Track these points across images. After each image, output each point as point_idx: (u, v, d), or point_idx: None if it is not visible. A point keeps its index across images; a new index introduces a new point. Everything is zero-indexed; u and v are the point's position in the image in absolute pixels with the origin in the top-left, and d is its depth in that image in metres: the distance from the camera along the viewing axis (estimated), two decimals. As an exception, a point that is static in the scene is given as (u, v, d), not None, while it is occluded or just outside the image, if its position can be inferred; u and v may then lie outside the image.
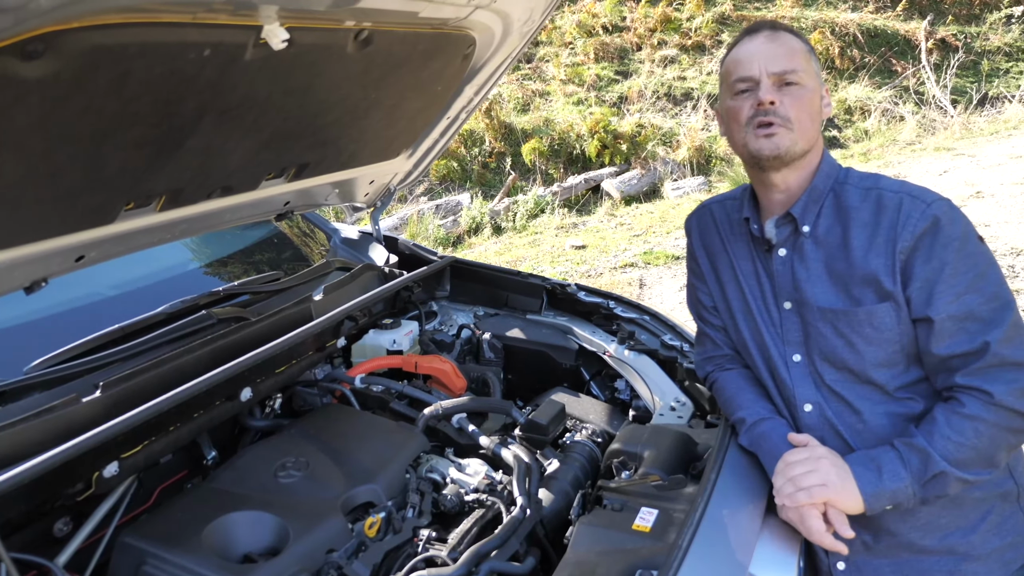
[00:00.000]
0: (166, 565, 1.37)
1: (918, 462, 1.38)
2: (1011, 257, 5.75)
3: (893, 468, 1.39)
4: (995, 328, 1.35)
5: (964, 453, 1.36)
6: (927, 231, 1.37)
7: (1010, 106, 10.95)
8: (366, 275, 2.46)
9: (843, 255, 1.46)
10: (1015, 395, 1.35)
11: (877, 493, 1.39)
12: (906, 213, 1.39)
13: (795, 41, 1.49)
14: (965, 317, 1.37)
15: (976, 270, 1.38)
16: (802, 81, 1.45)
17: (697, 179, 9.25)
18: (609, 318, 2.41)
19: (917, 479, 1.38)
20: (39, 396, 1.61)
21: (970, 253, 1.38)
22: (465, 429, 1.92)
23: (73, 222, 1.48)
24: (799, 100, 1.45)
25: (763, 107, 1.45)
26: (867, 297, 1.43)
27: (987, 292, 1.37)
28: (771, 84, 1.45)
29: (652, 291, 6.01)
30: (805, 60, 1.48)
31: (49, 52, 1.04)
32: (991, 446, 1.37)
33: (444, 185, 9.46)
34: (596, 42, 11.63)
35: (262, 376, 1.91)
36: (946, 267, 1.37)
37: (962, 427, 1.36)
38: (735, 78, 1.50)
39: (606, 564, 1.37)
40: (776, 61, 1.45)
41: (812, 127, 1.48)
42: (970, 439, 1.36)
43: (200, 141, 1.50)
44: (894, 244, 1.39)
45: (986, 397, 1.36)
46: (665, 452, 1.68)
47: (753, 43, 1.49)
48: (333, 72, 1.65)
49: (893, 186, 1.46)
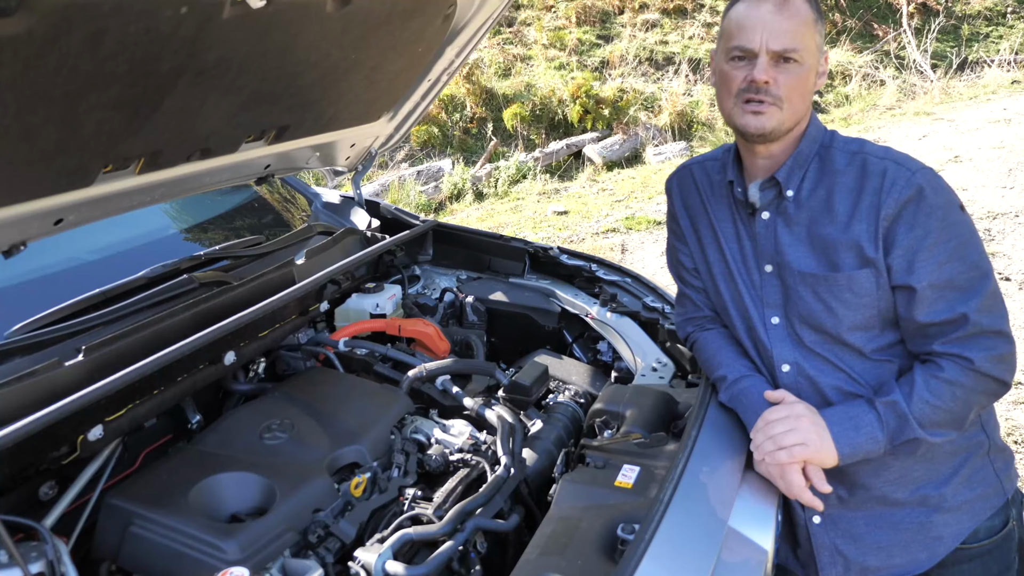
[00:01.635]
0: (154, 526, 1.38)
1: (895, 425, 1.41)
2: (988, 221, 5.81)
3: (871, 430, 1.42)
4: (974, 297, 1.38)
5: (938, 415, 1.40)
6: (911, 199, 1.38)
7: (989, 71, 10.99)
8: (348, 239, 2.46)
9: (827, 219, 1.46)
10: (992, 362, 1.38)
11: (853, 452, 1.43)
12: (891, 179, 1.40)
13: (805, 9, 1.41)
14: (945, 286, 1.39)
15: (958, 239, 1.39)
16: (801, 59, 1.40)
17: (679, 144, 9.24)
18: (591, 281, 2.42)
19: (891, 440, 1.42)
20: (20, 360, 1.60)
21: (953, 223, 1.39)
22: (449, 391, 1.93)
23: (50, 184, 1.46)
24: (794, 78, 1.41)
25: (756, 84, 1.41)
26: (848, 262, 1.44)
27: (968, 261, 1.39)
28: (768, 60, 1.40)
29: (634, 256, 6.03)
30: (810, 33, 1.41)
31: (22, 9, 1.02)
32: (964, 409, 1.41)
33: (425, 151, 9.39)
34: (578, 5, 11.50)
35: (245, 340, 1.91)
36: (929, 236, 1.38)
37: (940, 390, 1.39)
38: (733, 43, 1.43)
39: (589, 519, 1.40)
40: (779, 37, 1.38)
41: (803, 105, 1.45)
42: (947, 402, 1.39)
43: (177, 102, 1.48)
44: (878, 210, 1.40)
45: (965, 363, 1.39)
46: (647, 411, 1.70)
47: (760, 9, 1.40)
48: (312, 32, 1.63)
49: (878, 152, 1.46)
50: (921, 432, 1.40)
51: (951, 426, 1.42)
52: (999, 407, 3.56)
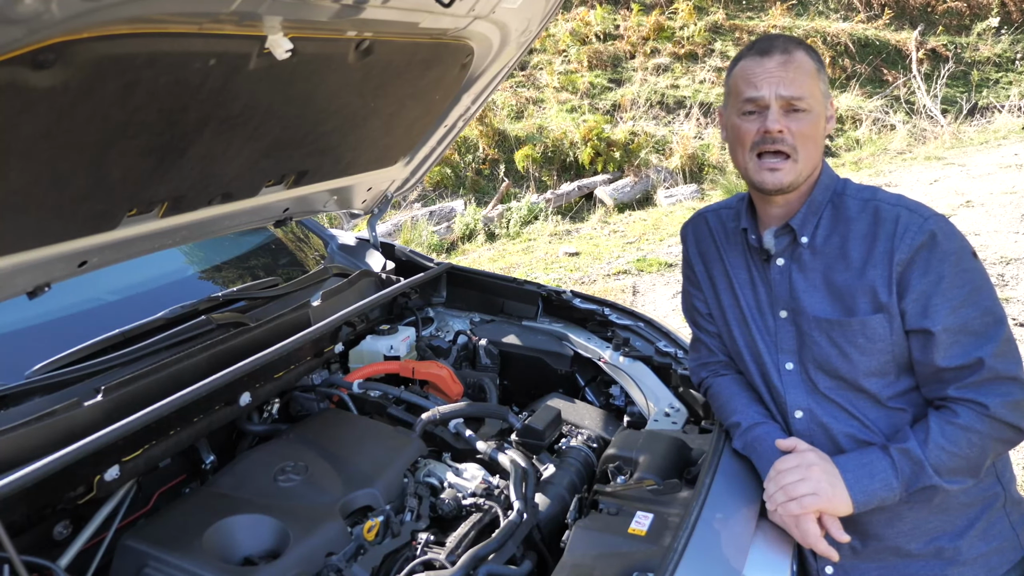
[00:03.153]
0: (167, 568, 1.38)
1: (910, 472, 1.41)
2: (1000, 266, 5.80)
3: (885, 477, 1.41)
4: (989, 343, 1.39)
5: (955, 463, 1.39)
6: (924, 244, 1.40)
7: (999, 116, 11.05)
8: (363, 281, 2.48)
9: (842, 265, 1.48)
10: (1008, 408, 1.38)
11: (867, 500, 1.42)
12: (904, 225, 1.42)
13: (808, 62, 1.46)
14: (960, 330, 1.40)
15: (972, 284, 1.41)
16: (810, 107, 1.44)
17: (690, 187, 9.30)
18: (604, 325, 2.43)
19: (906, 487, 1.41)
20: (41, 400, 1.62)
21: (966, 268, 1.41)
22: (462, 434, 1.93)
23: (77, 228, 1.49)
24: (806, 126, 1.45)
25: (770, 135, 1.45)
26: (862, 307, 1.45)
27: (981, 307, 1.40)
28: (779, 109, 1.44)
29: (645, 298, 6.04)
30: (814, 83, 1.46)
31: (59, 62, 1.06)
32: (981, 456, 1.41)
33: (438, 191, 9.48)
34: (590, 50, 11.69)
35: (261, 381, 1.92)
36: (943, 280, 1.39)
37: (956, 437, 1.39)
38: (744, 97, 1.47)
39: (602, 567, 1.39)
40: (788, 87, 1.43)
41: (816, 153, 1.49)
42: (963, 449, 1.39)
43: (202, 149, 1.52)
44: (891, 255, 1.42)
45: (981, 409, 1.39)
46: (660, 457, 1.70)
47: (766, 63, 1.45)
48: (334, 81, 1.68)
49: (891, 199, 1.48)
50: (937, 479, 1.39)
51: (967, 473, 1.41)
52: (1015, 456, 3.52)
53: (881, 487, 1.41)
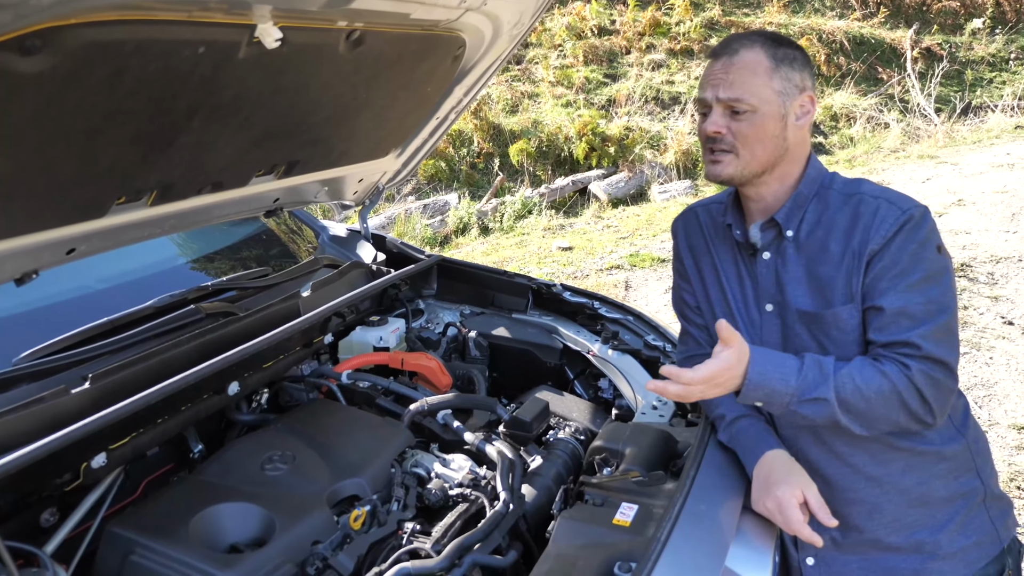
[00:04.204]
0: (154, 555, 1.39)
1: (812, 380, 1.41)
2: (990, 264, 5.83)
3: (786, 372, 1.42)
4: (924, 325, 1.41)
5: (855, 399, 1.40)
6: (895, 234, 1.42)
7: (992, 115, 11.09)
8: (354, 272, 2.48)
9: (823, 258, 1.50)
10: (927, 380, 1.40)
11: (759, 381, 1.41)
12: (881, 217, 1.44)
13: (758, 60, 1.46)
14: (900, 312, 1.42)
15: (924, 274, 1.42)
16: (754, 107, 1.45)
17: (684, 183, 9.31)
18: (593, 318, 2.44)
19: (800, 390, 1.41)
20: (28, 387, 1.62)
21: (924, 258, 1.43)
22: (450, 425, 1.94)
23: (65, 215, 1.49)
24: (748, 126, 1.47)
25: (710, 136, 1.50)
26: (838, 300, 1.47)
27: (927, 294, 1.42)
28: (721, 111, 1.48)
29: (638, 293, 6.05)
30: (764, 82, 1.46)
31: (47, 48, 1.06)
32: (880, 409, 1.41)
33: (432, 185, 9.47)
34: (585, 45, 11.67)
35: (249, 371, 1.93)
36: (897, 264, 1.42)
37: (870, 377, 1.40)
38: (696, 98, 1.55)
39: (586, 557, 1.40)
40: (726, 88, 1.46)
41: (766, 150, 1.49)
42: (870, 391, 1.39)
43: (192, 138, 1.52)
44: (865, 246, 1.44)
45: (903, 368, 1.41)
46: (646, 450, 1.71)
47: (713, 66, 1.50)
48: (324, 71, 1.68)
49: (874, 192, 1.50)
50: (834, 403, 1.39)
51: (860, 419, 1.42)
52: (1000, 452, 3.55)
53: (777, 376, 1.41)
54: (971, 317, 5.01)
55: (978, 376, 4.29)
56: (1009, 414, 3.91)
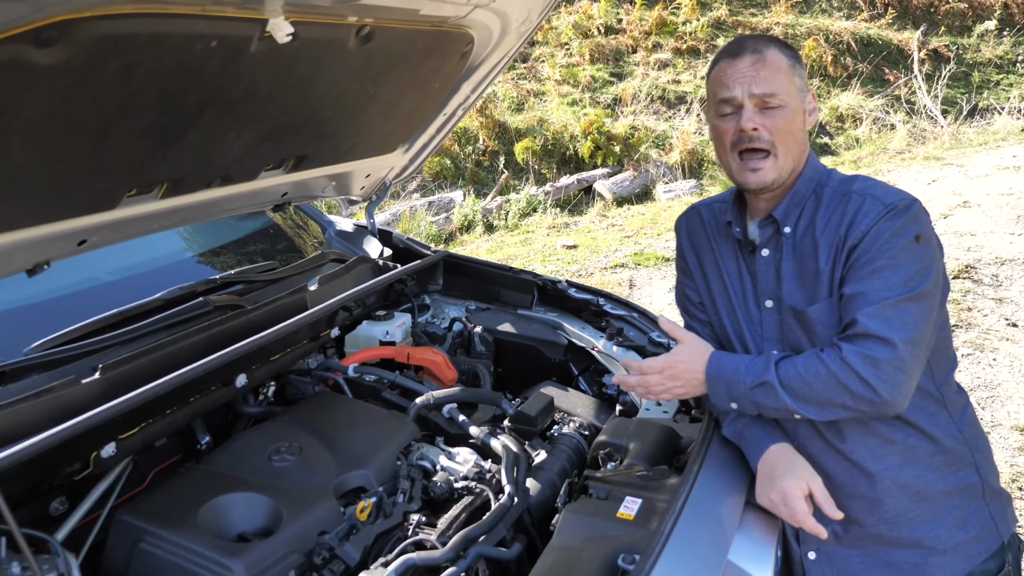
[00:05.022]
0: (163, 543, 1.40)
1: (760, 367, 1.50)
2: (995, 266, 5.83)
3: (738, 365, 1.53)
4: (870, 304, 1.42)
5: (797, 383, 1.46)
6: (872, 227, 1.44)
7: (999, 118, 11.06)
8: (360, 267, 2.50)
9: (813, 256, 1.51)
10: (861, 359, 1.41)
11: (716, 373, 1.56)
12: (864, 212, 1.46)
13: (780, 58, 1.50)
14: (855, 296, 1.44)
15: (888, 261, 1.42)
16: (785, 103, 1.47)
17: (689, 182, 9.31)
18: (598, 315, 2.45)
19: (749, 380, 1.50)
20: (39, 377, 1.64)
21: (895, 246, 1.43)
22: (455, 419, 1.96)
23: (76, 207, 1.51)
24: (782, 121, 1.48)
25: (746, 133, 1.49)
26: (822, 295, 1.49)
27: (888, 280, 1.42)
28: (753, 107, 1.48)
29: (642, 291, 6.06)
30: (788, 78, 1.49)
31: (62, 40, 1.07)
32: (823, 392, 1.44)
33: (437, 182, 9.48)
34: (592, 43, 11.67)
35: (257, 363, 1.94)
36: (867, 253, 1.44)
37: (811, 365, 1.46)
38: (719, 99, 1.52)
39: (590, 550, 1.41)
40: (760, 84, 1.47)
41: (796, 147, 1.51)
42: (810, 376, 1.45)
43: (202, 131, 1.54)
44: (845, 241, 1.46)
45: (837, 351, 1.44)
46: (650, 445, 1.72)
47: (737, 64, 1.50)
48: (334, 67, 1.69)
49: (864, 188, 1.50)
50: (779, 388, 1.47)
51: (808, 403, 1.47)
52: (1002, 453, 3.56)
53: (730, 368, 1.54)
54: (975, 319, 5.01)
55: (981, 378, 4.30)
56: (1012, 415, 3.91)
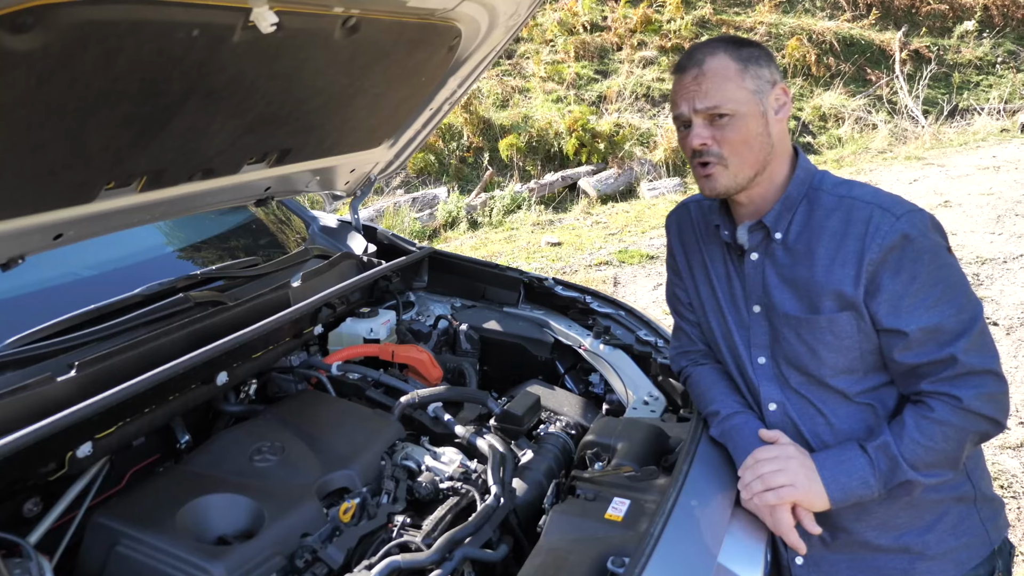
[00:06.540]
0: (140, 546, 1.37)
1: (887, 468, 1.41)
2: (976, 266, 5.88)
3: (863, 475, 1.42)
4: (961, 339, 1.38)
5: (930, 456, 1.40)
6: (896, 245, 1.39)
7: (979, 118, 11.18)
8: (344, 263, 2.46)
9: (807, 263, 1.47)
10: (982, 400, 1.38)
11: (845, 497, 1.43)
12: (875, 225, 1.40)
13: (726, 65, 1.44)
14: (935, 329, 1.39)
15: (946, 283, 1.40)
16: (734, 111, 1.43)
17: (673, 180, 9.33)
18: (585, 313, 2.43)
19: (884, 483, 1.42)
20: (13, 374, 1.59)
21: (939, 266, 1.40)
22: (441, 418, 1.93)
23: (53, 199, 1.46)
24: (732, 131, 1.44)
25: (696, 150, 1.47)
26: (828, 306, 1.45)
27: (956, 304, 1.40)
28: (702, 122, 1.45)
29: (626, 289, 6.05)
30: (737, 84, 1.44)
31: (39, 25, 1.04)
32: (957, 448, 1.41)
33: (421, 178, 9.44)
34: (577, 40, 11.66)
35: (238, 361, 1.90)
36: (916, 280, 1.39)
37: (931, 431, 1.40)
38: (673, 115, 1.52)
39: (578, 551, 1.39)
40: (701, 98, 1.44)
41: (753, 153, 1.47)
42: (938, 443, 1.39)
43: (184, 122, 1.50)
44: (861, 255, 1.41)
45: (955, 402, 1.39)
46: (638, 444, 1.71)
47: (683, 80, 1.47)
48: (319, 58, 1.65)
49: (866, 196, 1.46)
50: (913, 473, 1.40)
51: (944, 466, 1.42)
52: (984, 452, 3.58)
53: (859, 484, 1.42)
54: (956, 318, 5.05)
55: (963, 376, 4.32)
56: (993, 414, 3.94)
